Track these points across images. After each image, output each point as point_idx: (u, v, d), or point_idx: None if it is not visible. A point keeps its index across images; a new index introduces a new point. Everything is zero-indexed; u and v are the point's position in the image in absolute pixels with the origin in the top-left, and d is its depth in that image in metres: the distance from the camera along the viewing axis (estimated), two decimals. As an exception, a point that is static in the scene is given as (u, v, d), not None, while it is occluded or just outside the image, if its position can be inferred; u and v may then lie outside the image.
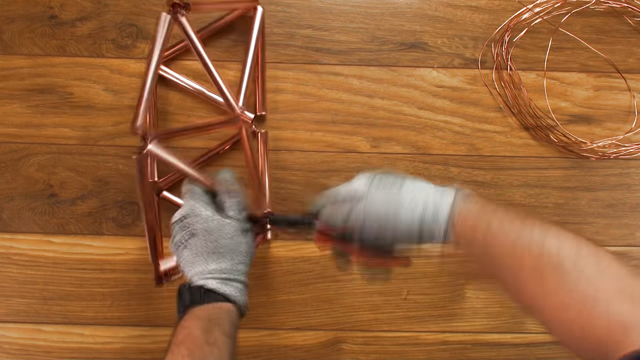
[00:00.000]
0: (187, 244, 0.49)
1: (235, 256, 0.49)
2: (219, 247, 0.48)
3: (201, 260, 0.48)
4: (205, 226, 0.49)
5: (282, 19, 0.73)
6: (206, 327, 0.43)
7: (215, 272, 0.48)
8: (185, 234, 0.49)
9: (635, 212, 0.70)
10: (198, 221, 0.49)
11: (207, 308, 0.45)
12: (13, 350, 0.66)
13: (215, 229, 0.49)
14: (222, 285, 0.47)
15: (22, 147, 0.70)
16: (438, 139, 0.71)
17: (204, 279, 0.48)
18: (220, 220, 0.49)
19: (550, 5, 0.73)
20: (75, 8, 0.73)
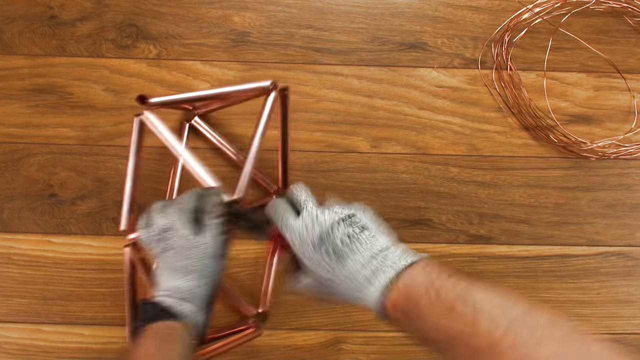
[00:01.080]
0: (161, 258, 0.50)
1: (198, 278, 0.49)
2: (185, 267, 0.48)
3: (166, 275, 0.49)
4: (178, 243, 0.49)
5: (282, 19, 0.73)
6: (160, 347, 0.44)
7: (176, 291, 0.48)
8: (160, 247, 0.50)
9: (635, 212, 0.70)
10: (173, 237, 0.49)
11: (161, 327, 0.46)
12: (13, 350, 0.66)
13: (187, 247, 0.49)
14: (178, 305, 0.47)
15: (22, 147, 0.70)
16: (438, 139, 0.71)
17: (164, 296, 0.48)
18: (194, 241, 0.49)
19: (550, 5, 0.73)
20: (75, 8, 0.73)
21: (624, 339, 0.67)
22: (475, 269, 0.68)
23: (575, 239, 0.69)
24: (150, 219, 0.50)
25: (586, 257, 0.69)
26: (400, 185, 0.70)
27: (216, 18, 0.73)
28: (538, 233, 0.69)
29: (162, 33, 0.72)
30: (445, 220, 0.69)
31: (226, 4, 0.73)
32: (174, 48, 0.72)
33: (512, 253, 0.69)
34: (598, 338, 0.33)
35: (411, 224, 0.69)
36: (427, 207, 0.69)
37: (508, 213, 0.69)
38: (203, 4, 0.73)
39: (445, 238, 0.69)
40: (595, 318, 0.68)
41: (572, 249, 0.69)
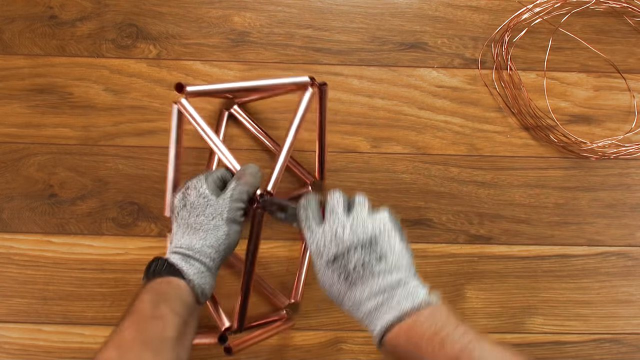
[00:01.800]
0: (177, 215, 0.50)
1: (207, 237, 0.48)
2: (196, 223, 0.48)
3: (179, 233, 0.49)
4: (194, 201, 0.49)
5: (282, 19, 0.73)
6: (154, 301, 0.43)
7: (183, 248, 0.47)
8: (180, 203, 0.50)
9: (635, 212, 0.70)
10: (191, 194, 0.49)
11: (160, 282, 0.45)
12: (13, 350, 0.66)
13: (200, 205, 0.49)
14: (181, 262, 0.46)
15: (22, 147, 0.70)
16: (438, 139, 0.71)
17: (172, 253, 0.48)
18: (209, 199, 0.49)
19: (550, 5, 0.73)
20: (75, 8, 0.73)
21: (624, 339, 0.67)
22: (475, 269, 0.68)
23: (575, 239, 0.69)
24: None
25: (586, 257, 0.69)
26: (400, 185, 0.70)
27: (216, 18, 0.73)
28: (538, 233, 0.69)
29: (162, 33, 0.72)
30: (445, 220, 0.69)
31: (226, 4, 0.73)
32: (174, 48, 0.72)
33: (512, 253, 0.69)
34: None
35: (411, 224, 0.69)
36: (427, 207, 0.69)
37: (508, 213, 0.69)
38: (203, 4, 0.73)
39: (445, 238, 0.69)
40: (595, 318, 0.68)
41: (572, 249, 0.69)
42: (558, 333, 0.67)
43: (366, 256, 0.43)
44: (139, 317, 0.41)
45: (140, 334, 0.40)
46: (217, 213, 0.48)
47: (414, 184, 0.70)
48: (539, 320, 0.67)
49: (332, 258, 0.44)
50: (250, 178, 0.51)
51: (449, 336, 0.37)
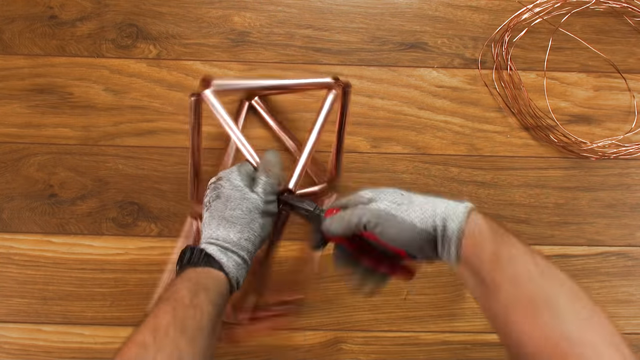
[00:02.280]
0: (210, 206, 0.50)
1: (244, 231, 0.49)
2: (233, 217, 0.49)
3: (214, 224, 0.49)
4: (229, 192, 0.49)
5: (282, 19, 0.73)
6: (193, 290, 0.43)
7: (220, 240, 0.48)
8: (212, 194, 0.50)
9: (635, 212, 0.70)
10: (226, 186, 0.50)
11: (199, 272, 0.45)
12: (13, 350, 0.66)
13: (236, 198, 0.49)
14: (220, 254, 0.47)
15: (22, 147, 0.70)
16: (438, 139, 0.71)
17: (208, 243, 0.48)
18: (245, 192, 0.50)
19: (550, 5, 0.73)
20: (75, 8, 0.73)
21: (624, 339, 0.67)
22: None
23: (575, 239, 0.69)
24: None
25: (586, 257, 0.69)
26: (400, 185, 0.69)
27: (216, 18, 0.73)
28: (538, 233, 0.69)
29: (162, 33, 0.72)
30: (445, 220, 0.69)
31: (226, 4, 0.73)
32: (174, 48, 0.72)
33: (512, 253, 0.69)
34: None
35: (411, 224, 0.69)
36: (427, 207, 0.69)
37: (508, 213, 0.69)
38: (203, 4, 0.73)
39: (445, 238, 0.69)
40: (595, 318, 0.68)
41: (572, 249, 0.69)
42: (558, 333, 0.67)
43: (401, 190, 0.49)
44: (177, 305, 0.41)
45: (178, 321, 0.40)
46: (253, 207, 0.49)
47: (414, 184, 0.70)
48: (539, 320, 0.67)
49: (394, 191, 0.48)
50: (276, 169, 0.53)
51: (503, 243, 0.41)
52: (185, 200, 0.68)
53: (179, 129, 0.70)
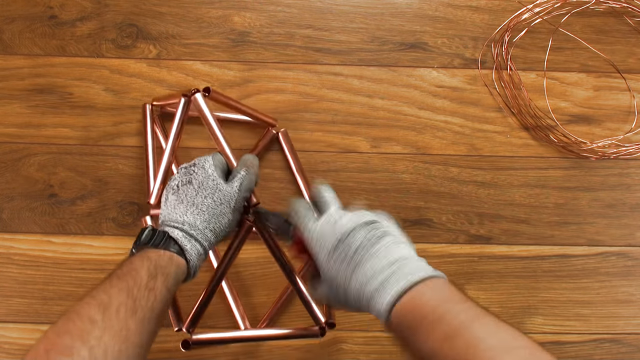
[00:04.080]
0: (179, 190, 0.49)
1: (212, 221, 0.48)
2: (203, 205, 0.48)
3: (181, 208, 0.48)
4: (203, 180, 0.49)
5: (282, 19, 0.73)
6: (153, 272, 0.42)
7: (186, 225, 0.47)
8: (183, 179, 0.49)
9: (635, 212, 0.70)
10: (200, 173, 0.49)
11: (160, 254, 0.44)
12: (13, 350, 0.66)
13: (210, 187, 0.48)
14: (184, 240, 0.46)
15: (22, 147, 0.70)
16: (438, 139, 0.71)
17: (172, 227, 0.47)
18: (219, 183, 0.49)
19: (550, 5, 0.73)
20: (75, 8, 0.73)
21: (624, 339, 0.67)
22: (475, 269, 0.68)
23: (575, 239, 0.69)
24: None
25: (586, 257, 0.69)
26: (400, 185, 0.70)
27: (216, 18, 0.73)
28: (538, 233, 0.69)
29: (162, 33, 0.72)
30: (445, 220, 0.69)
31: (226, 4, 0.73)
32: (174, 48, 0.72)
33: (512, 253, 0.69)
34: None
35: (411, 224, 0.69)
36: (427, 207, 0.69)
37: (508, 213, 0.69)
38: (203, 4, 0.73)
39: (445, 238, 0.69)
40: (595, 318, 0.68)
41: (572, 249, 0.69)
42: (558, 333, 0.67)
43: (368, 233, 0.42)
44: (133, 284, 0.40)
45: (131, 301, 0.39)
46: (226, 200, 0.49)
47: (414, 184, 0.70)
48: (539, 320, 0.67)
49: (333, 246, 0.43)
50: (256, 169, 0.52)
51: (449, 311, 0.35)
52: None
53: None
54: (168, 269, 0.44)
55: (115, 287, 0.39)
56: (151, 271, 0.42)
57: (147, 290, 0.40)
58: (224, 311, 0.66)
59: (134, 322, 0.38)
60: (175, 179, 0.50)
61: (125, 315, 0.37)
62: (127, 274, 0.41)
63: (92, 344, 0.34)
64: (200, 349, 0.65)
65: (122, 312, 0.37)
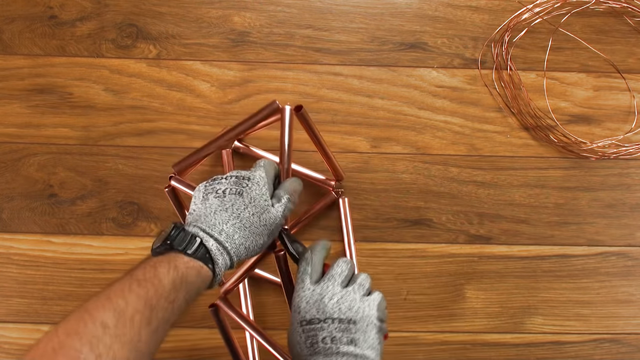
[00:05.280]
0: (225, 197, 0.46)
1: (249, 240, 0.46)
2: (247, 222, 0.45)
3: (224, 216, 0.45)
4: (255, 197, 0.46)
5: (282, 19, 0.73)
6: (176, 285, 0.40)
7: (223, 235, 0.44)
8: (235, 187, 0.47)
9: (635, 212, 0.70)
10: (255, 190, 0.47)
11: (189, 266, 0.42)
12: (13, 350, 0.66)
13: (260, 206, 0.46)
14: (217, 253, 0.43)
15: (22, 147, 0.70)
16: (438, 139, 0.71)
17: (207, 234, 0.44)
18: (269, 205, 0.47)
19: (550, 5, 0.73)
20: (75, 8, 0.73)
21: (624, 339, 0.67)
22: (475, 269, 0.68)
23: (575, 239, 0.69)
24: None
25: (586, 257, 0.69)
26: (400, 185, 0.70)
27: (216, 18, 0.73)
28: (538, 233, 0.69)
29: (162, 33, 0.72)
30: (445, 220, 0.69)
31: (226, 4, 0.73)
32: (174, 48, 0.72)
33: (512, 253, 0.69)
34: None
35: (411, 224, 0.69)
36: (427, 207, 0.69)
37: (508, 213, 0.69)
38: (203, 4, 0.73)
39: (445, 238, 0.69)
40: (595, 318, 0.68)
41: (572, 249, 0.69)
42: (558, 333, 0.67)
43: (339, 333, 0.43)
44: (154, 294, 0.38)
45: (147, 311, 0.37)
46: (269, 223, 0.47)
47: (413, 184, 0.70)
48: (539, 320, 0.67)
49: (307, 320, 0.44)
50: (296, 197, 0.51)
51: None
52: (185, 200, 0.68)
53: (178, 129, 0.70)
54: (194, 283, 0.42)
55: (134, 292, 0.38)
56: (176, 284, 0.40)
57: (167, 302, 0.39)
58: (223, 311, 0.66)
59: (147, 333, 0.37)
60: (222, 183, 0.48)
61: (140, 325, 0.36)
62: (149, 280, 0.39)
63: (101, 352, 0.33)
64: (200, 350, 0.65)
65: (136, 321, 0.36)
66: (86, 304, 0.36)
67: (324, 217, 0.69)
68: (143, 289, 0.38)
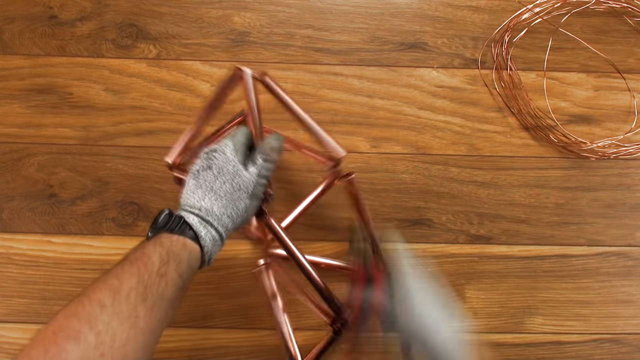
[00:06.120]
0: (199, 175, 0.48)
1: (229, 207, 0.47)
2: (221, 191, 0.47)
3: (199, 193, 0.47)
4: (222, 165, 0.48)
5: (282, 19, 0.73)
6: (165, 258, 0.41)
7: (202, 211, 0.46)
8: (205, 163, 0.49)
9: (635, 212, 0.70)
10: (220, 158, 0.49)
11: (173, 240, 0.44)
12: (13, 350, 0.66)
13: (229, 172, 0.48)
14: (199, 226, 0.45)
15: (22, 147, 0.70)
16: (438, 139, 0.71)
17: (188, 212, 0.46)
18: (238, 169, 0.48)
19: (550, 5, 0.73)
20: (75, 8, 0.73)
21: (624, 339, 0.67)
22: (475, 269, 0.68)
23: (575, 239, 0.69)
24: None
25: (586, 257, 0.69)
26: (400, 185, 0.70)
27: (216, 18, 0.73)
28: (538, 233, 0.69)
29: (162, 33, 0.72)
30: (445, 220, 0.69)
31: (226, 4, 0.73)
32: (174, 48, 0.72)
33: (512, 253, 0.69)
34: None
35: (411, 224, 0.69)
36: (427, 207, 0.69)
37: (508, 213, 0.69)
38: (203, 4, 0.73)
39: (445, 238, 0.69)
40: (595, 318, 0.68)
41: (572, 249, 0.69)
42: (558, 333, 0.67)
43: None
44: (145, 270, 0.40)
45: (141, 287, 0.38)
46: (244, 186, 0.48)
47: (414, 184, 0.70)
48: (539, 320, 0.67)
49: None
50: (275, 155, 0.51)
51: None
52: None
53: (178, 129, 0.70)
54: (181, 255, 0.43)
55: (127, 272, 0.39)
56: (163, 257, 0.41)
57: (159, 276, 0.40)
58: (223, 311, 0.66)
59: (144, 309, 0.37)
60: (196, 163, 0.50)
61: (136, 302, 0.37)
62: (139, 259, 0.41)
63: (100, 329, 0.34)
64: (200, 350, 0.65)
65: (132, 298, 0.37)
66: (84, 289, 0.37)
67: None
68: (134, 267, 0.40)
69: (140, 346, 0.36)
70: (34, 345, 0.33)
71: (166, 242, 0.43)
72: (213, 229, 0.46)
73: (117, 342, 0.35)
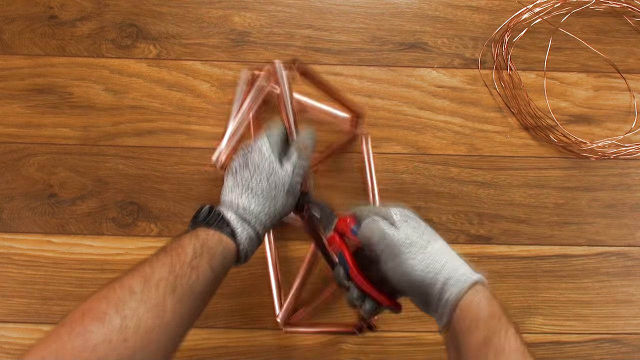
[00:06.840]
0: (237, 173, 0.49)
1: (267, 206, 0.48)
2: (258, 189, 0.47)
3: (237, 191, 0.48)
4: (259, 163, 0.48)
5: (282, 19, 0.73)
6: (198, 250, 0.42)
7: (240, 208, 0.47)
8: (241, 161, 0.49)
9: (635, 212, 0.70)
10: (257, 156, 0.49)
11: (210, 234, 0.44)
12: (13, 350, 0.66)
13: (265, 169, 0.48)
14: (236, 223, 0.46)
15: (22, 147, 0.70)
16: (438, 139, 0.71)
17: (227, 209, 0.47)
18: (274, 165, 0.49)
19: (550, 5, 0.73)
20: (75, 8, 0.73)
21: (624, 339, 0.67)
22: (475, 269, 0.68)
23: (575, 239, 0.69)
24: None
25: (586, 257, 0.69)
26: (400, 185, 0.70)
27: (216, 18, 0.73)
28: (538, 233, 0.69)
29: (162, 33, 0.72)
30: (445, 220, 0.69)
31: (226, 4, 0.73)
32: (174, 48, 0.72)
33: (512, 253, 0.69)
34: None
35: (411, 224, 0.69)
36: (427, 207, 0.69)
37: (508, 213, 0.69)
38: (203, 4, 0.73)
39: (445, 238, 0.68)
40: (595, 318, 0.68)
41: (572, 249, 0.69)
42: (558, 333, 0.67)
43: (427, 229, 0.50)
44: (177, 260, 0.40)
45: (172, 277, 0.39)
46: (280, 183, 0.48)
47: (413, 184, 0.70)
48: (539, 320, 0.67)
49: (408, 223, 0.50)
50: (310, 151, 0.52)
51: (494, 331, 0.40)
52: (186, 200, 0.68)
53: (178, 129, 0.70)
54: (215, 249, 0.43)
55: (160, 261, 0.40)
56: (197, 249, 0.42)
57: (190, 268, 0.40)
58: (223, 311, 0.66)
59: (172, 301, 0.38)
60: (234, 161, 0.50)
61: (165, 291, 0.38)
62: (174, 249, 0.41)
63: (126, 314, 0.35)
64: (201, 350, 0.65)
65: (161, 287, 0.38)
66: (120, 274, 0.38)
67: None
68: (168, 257, 0.40)
69: (164, 336, 0.37)
70: (64, 324, 0.34)
71: (202, 235, 0.44)
72: (250, 227, 0.46)
73: (142, 329, 0.35)
